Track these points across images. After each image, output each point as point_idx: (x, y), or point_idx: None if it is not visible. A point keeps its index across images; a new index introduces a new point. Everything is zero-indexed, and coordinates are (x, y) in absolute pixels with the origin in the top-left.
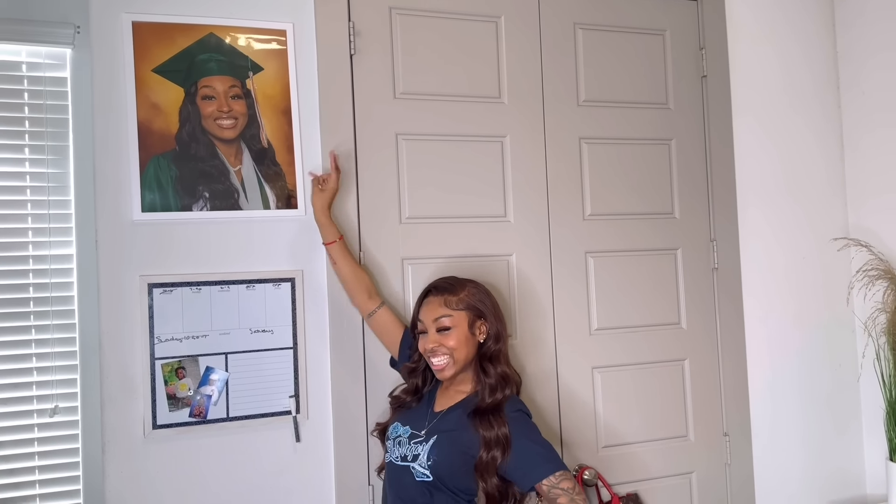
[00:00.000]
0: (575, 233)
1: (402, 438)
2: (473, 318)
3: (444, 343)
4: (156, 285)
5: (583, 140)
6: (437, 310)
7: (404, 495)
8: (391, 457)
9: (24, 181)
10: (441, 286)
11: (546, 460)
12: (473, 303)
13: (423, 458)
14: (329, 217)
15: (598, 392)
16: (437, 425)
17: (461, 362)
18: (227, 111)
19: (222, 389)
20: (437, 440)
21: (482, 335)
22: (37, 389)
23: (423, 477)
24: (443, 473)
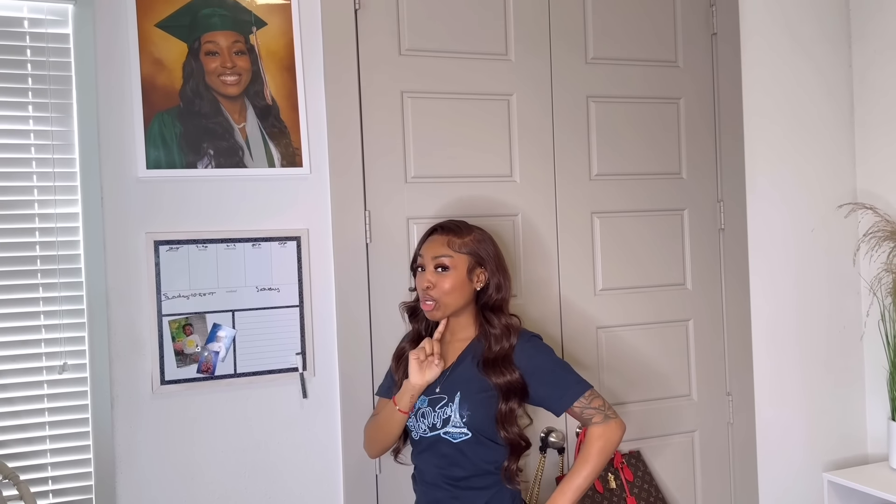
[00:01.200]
0: (581, 193)
1: (422, 409)
2: (474, 263)
3: (438, 284)
4: (162, 242)
5: (590, 98)
6: (438, 248)
7: (445, 464)
8: (417, 433)
9: (28, 139)
10: (448, 226)
11: (573, 383)
12: (476, 249)
13: (454, 417)
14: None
15: (603, 352)
16: (453, 381)
17: (451, 306)
18: (231, 67)
19: (230, 346)
20: (462, 395)
21: (479, 283)
22: (45, 347)
23: (461, 437)
24: (479, 425)
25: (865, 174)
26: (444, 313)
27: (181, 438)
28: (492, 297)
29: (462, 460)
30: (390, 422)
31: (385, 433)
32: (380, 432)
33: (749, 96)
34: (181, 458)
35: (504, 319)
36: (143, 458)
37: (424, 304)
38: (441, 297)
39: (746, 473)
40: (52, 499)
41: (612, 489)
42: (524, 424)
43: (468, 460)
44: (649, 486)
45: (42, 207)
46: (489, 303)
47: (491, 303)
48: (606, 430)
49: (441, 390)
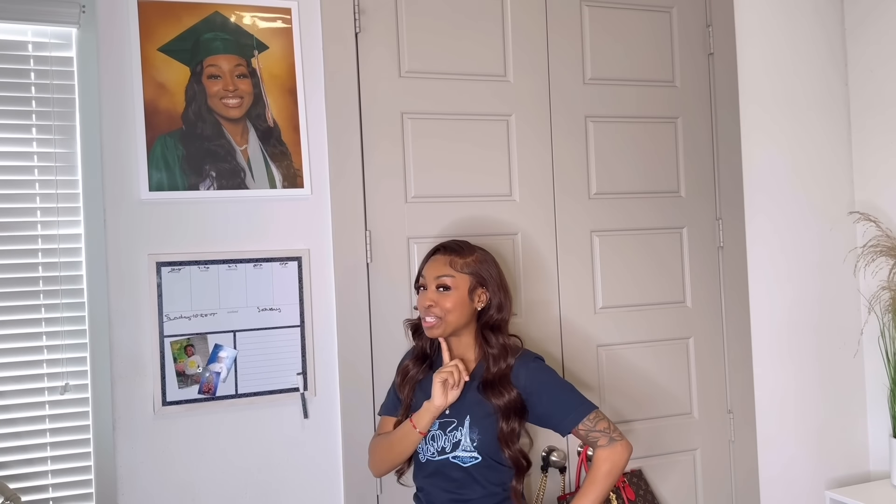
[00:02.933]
0: (580, 212)
1: (433, 432)
2: (475, 284)
3: (440, 303)
4: (164, 264)
5: (588, 119)
6: (440, 268)
7: (455, 487)
8: (425, 455)
9: (32, 161)
10: (450, 246)
11: (578, 404)
12: (478, 269)
13: (465, 442)
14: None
15: (603, 370)
16: (461, 404)
17: (452, 325)
18: (233, 90)
19: (231, 367)
20: (471, 419)
21: (480, 303)
22: (47, 368)
23: (471, 461)
24: (489, 449)
25: (864, 187)
26: (445, 332)
27: (182, 459)
28: (493, 316)
29: (472, 484)
30: (404, 442)
31: (397, 453)
32: (391, 452)
33: (746, 113)
34: (182, 479)
35: (502, 339)
36: (144, 480)
37: (425, 321)
38: (442, 316)
39: (748, 492)
40: None
41: None
42: (524, 444)
43: (478, 483)
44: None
45: (45, 228)
46: (489, 322)
47: (491, 322)
48: (612, 454)
49: (451, 413)
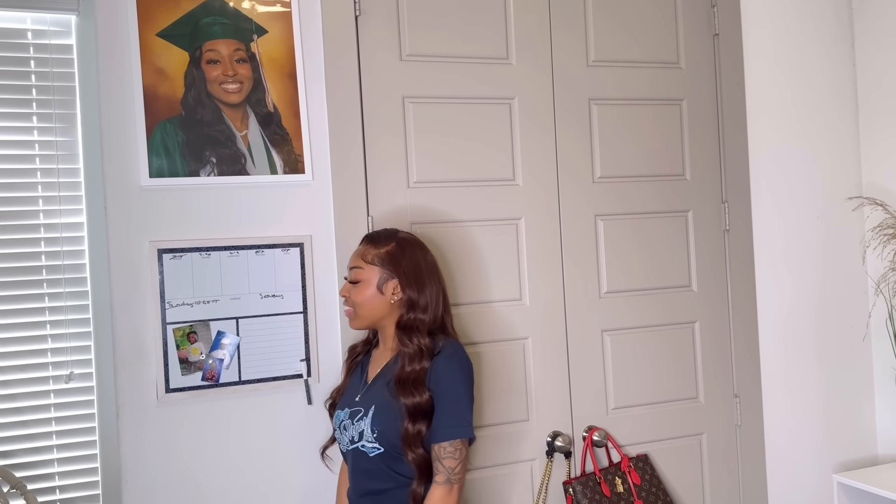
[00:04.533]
0: (584, 195)
1: (345, 422)
2: (386, 277)
3: (352, 294)
4: (165, 251)
5: (592, 101)
6: (353, 259)
7: (365, 478)
8: (342, 446)
9: (33, 149)
10: (370, 236)
11: (456, 424)
12: (389, 262)
13: (367, 431)
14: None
15: (608, 355)
16: (371, 393)
17: (366, 319)
18: (233, 75)
19: (234, 353)
20: (375, 410)
21: (395, 296)
22: (52, 356)
23: (375, 451)
24: (393, 441)
25: (871, 170)
26: (361, 325)
27: (186, 446)
28: (403, 315)
29: (379, 473)
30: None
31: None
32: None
33: (752, 96)
34: (186, 465)
35: (417, 340)
36: (148, 466)
37: (346, 312)
38: (354, 308)
39: (755, 476)
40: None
41: (620, 493)
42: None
43: (385, 473)
44: (657, 490)
45: (47, 217)
46: (401, 322)
47: (402, 322)
48: (446, 498)
49: (360, 401)
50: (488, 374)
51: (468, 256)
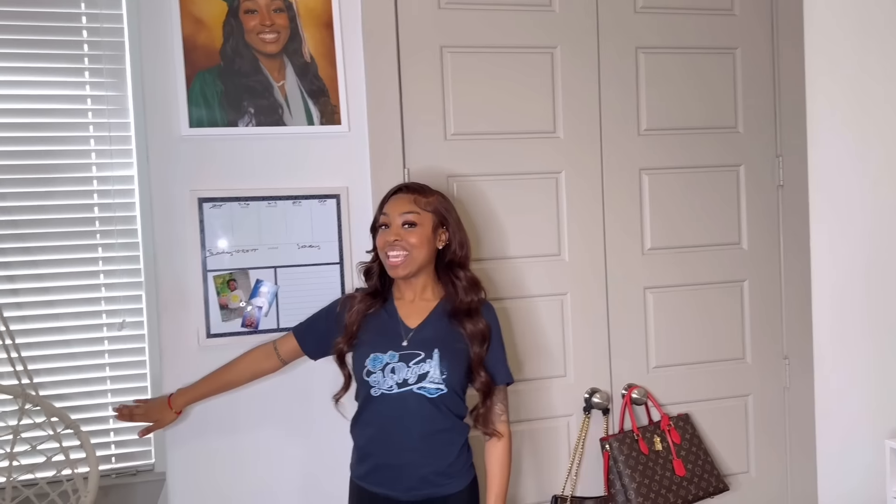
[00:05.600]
0: (629, 149)
1: (393, 365)
2: (437, 223)
3: (406, 238)
4: (205, 200)
5: (640, 50)
6: (406, 205)
7: (419, 421)
8: (381, 388)
9: (86, 104)
10: (413, 186)
11: (507, 368)
12: (440, 209)
13: (434, 373)
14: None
15: (651, 313)
16: (426, 338)
17: (417, 262)
18: (270, 25)
19: (272, 301)
20: (442, 352)
21: (441, 242)
22: (105, 305)
23: (436, 392)
24: (454, 381)
25: None
26: (410, 269)
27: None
28: (456, 253)
29: (437, 414)
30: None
31: (224, 383)
32: (245, 375)
33: (810, 44)
34: (225, 408)
35: (468, 273)
36: (189, 409)
37: (390, 258)
38: (409, 251)
39: (803, 440)
40: (113, 449)
41: (658, 451)
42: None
43: (443, 414)
44: (697, 450)
45: (100, 170)
46: (455, 260)
47: (456, 260)
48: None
49: (413, 346)
50: (524, 330)
51: (505, 210)
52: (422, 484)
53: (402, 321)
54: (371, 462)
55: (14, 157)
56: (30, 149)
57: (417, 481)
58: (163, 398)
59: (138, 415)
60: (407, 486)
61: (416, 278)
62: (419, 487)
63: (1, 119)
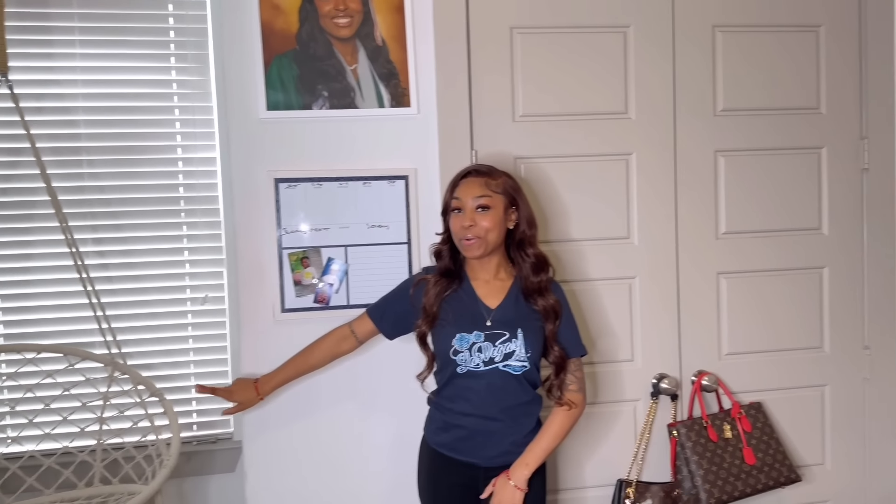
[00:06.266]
0: (704, 130)
1: (480, 344)
2: (507, 204)
3: (479, 222)
4: (281, 180)
5: (716, 28)
6: (478, 189)
7: (502, 395)
8: (467, 366)
9: (172, 89)
10: (482, 170)
11: (579, 340)
12: (509, 190)
13: (520, 352)
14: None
15: (724, 298)
16: (508, 318)
17: (491, 244)
18: (343, 9)
19: (342, 279)
20: (525, 332)
21: (511, 222)
22: (189, 280)
23: (521, 369)
24: (536, 358)
25: None
26: (485, 251)
27: None
28: (525, 232)
29: (519, 389)
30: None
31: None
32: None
33: None
34: (301, 382)
35: (535, 251)
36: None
37: (465, 242)
38: (483, 235)
39: (884, 433)
40: (194, 418)
41: (727, 439)
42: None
43: (525, 389)
44: (769, 439)
45: (185, 152)
46: (523, 238)
47: (525, 238)
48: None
49: (497, 327)
50: (591, 313)
51: (573, 193)
52: (502, 453)
53: (482, 301)
54: (455, 433)
55: (107, 139)
56: (121, 131)
57: (499, 451)
58: (248, 381)
59: (223, 394)
60: (489, 455)
61: (489, 258)
62: (500, 456)
63: (95, 104)
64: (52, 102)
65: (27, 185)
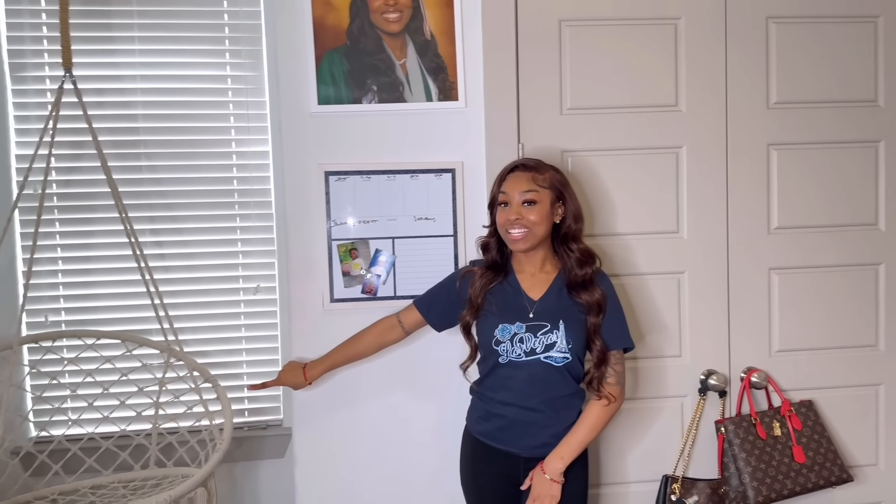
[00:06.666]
0: (757, 122)
1: (522, 335)
2: (554, 198)
3: (526, 216)
4: (331, 173)
5: (770, 20)
6: (525, 184)
7: (543, 387)
8: (510, 356)
9: (226, 84)
10: (529, 164)
11: (624, 334)
12: (556, 184)
13: (561, 343)
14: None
15: (775, 294)
16: (550, 310)
17: (538, 237)
18: (393, 4)
19: (390, 270)
20: (566, 324)
21: (558, 217)
22: (242, 270)
23: (562, 361)
24: (578, 350)
25: None
26: (531, 245)
27: None
28: (570, 227)
29: (560, 381)
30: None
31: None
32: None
33: None
34: (348, 370)
35: (581, 245)
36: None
37: (512, 235)
38: (530, 228)
39: None
40: (246, 404)
41: (777, 437)
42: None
43: (567, 381)
44: (819, 438)
45: (239, 146)
46: (568, 233)
47: (571, 232)
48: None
49: (539, 318)
50: (639, 307)
51: (621, 186)
52: (542, 444)
53: (526, 293)
54: (496, 422)
55: (164, 132)
56: (178, 125)
57: (539, 441)
58: (298, 365)
59: (273, 385)
60: (528, 445)
61: (535, 252)
62: (540, 447)
63: (153, 98)
64: (113, 97)
65: (89, 178)
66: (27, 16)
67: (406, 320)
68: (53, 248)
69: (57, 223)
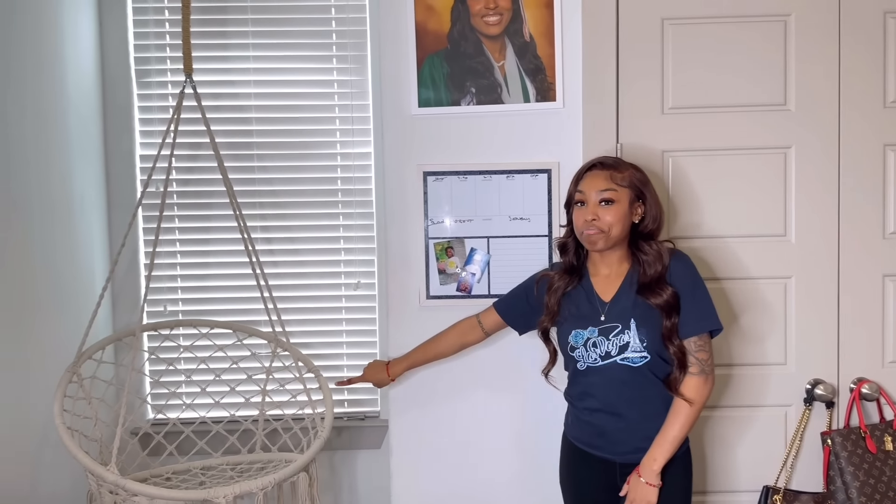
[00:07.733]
0: (872, 122)
1: (594, 339)
2: (633, 197)
3: (602, 216)
4: (429, 173)
5: (888, 14)
6: (602, 183)
7: (622, 388)
8: (587, 362)
9: (333, 88)
10: (607, 162)
11: (707, 316)
12: (636, 183)
13: (634, 343)
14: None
15: (889, 302)
16: (621, 310)
17: (614, 238)
18: (494, 7)
19: (484, 269)
20: (637, 322)
21: (637, 216)
22: (344, 267)
23: (641, 361)
24: (656, 347)
25: None
26: (607, 245)
27: None
28: (647, 226)
29: (643, 381)
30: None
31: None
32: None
33: None
34: (442, 366)
35: (656, 246)
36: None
37: (587, 235)
38: (606, 230)
39: None
40: (346, 395)
41: (888, 451)
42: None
43: (647, 380)
44: None
45: (343, 147)
46: (644, 232)
47: (647, 232)
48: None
49: (610, 320)
50: (742, 312)
51: (725, 187)
52: (636, 449)
53: (598, 296)
54: (587, 428)
55: (275, 135)
56: (287, 128)
57: (631, 446)
58: (381, 363)
59: (357, 381)
60: (621, 451)
61: (611, 252)
62: (633, 452)
63: (266, 102)
64: (229, 101)
65: (206, 177)
66: (152, 25)
67: (486, 321)
68: (172, 242)
69: (176, 220)
